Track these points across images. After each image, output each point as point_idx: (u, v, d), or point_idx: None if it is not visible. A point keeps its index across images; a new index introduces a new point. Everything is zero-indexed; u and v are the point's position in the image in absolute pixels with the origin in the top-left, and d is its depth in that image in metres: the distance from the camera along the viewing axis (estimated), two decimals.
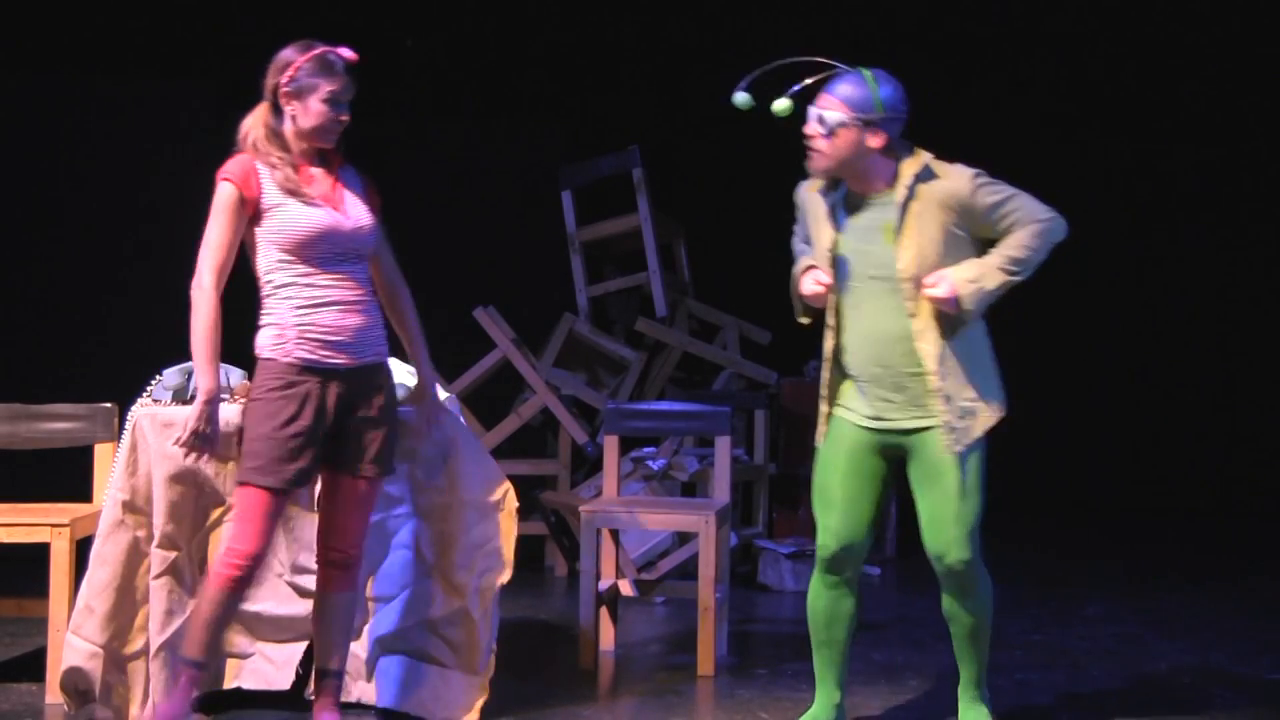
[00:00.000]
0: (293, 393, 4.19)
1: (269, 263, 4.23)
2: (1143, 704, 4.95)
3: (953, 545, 4.29)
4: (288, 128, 4.26)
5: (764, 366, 7.77)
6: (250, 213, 4.21)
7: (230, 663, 4.75)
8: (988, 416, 4.29)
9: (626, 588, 5.92)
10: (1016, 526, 8.59)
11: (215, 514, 4.69)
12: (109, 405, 5.23)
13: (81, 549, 4.80)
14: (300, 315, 4.20)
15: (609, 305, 8.28)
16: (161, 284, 8.25)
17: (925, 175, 4.25)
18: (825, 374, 4.42)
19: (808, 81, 4.27)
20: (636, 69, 8.96)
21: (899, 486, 4.63)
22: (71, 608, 4.66)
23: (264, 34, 8.54)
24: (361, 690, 4.73)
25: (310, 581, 4.52)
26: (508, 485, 4.79)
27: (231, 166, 4.23)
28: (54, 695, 4.72)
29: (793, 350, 7.68)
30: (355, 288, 4.27)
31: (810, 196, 4.42)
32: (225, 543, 4.28)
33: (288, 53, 4.26)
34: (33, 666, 5.15)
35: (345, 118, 4.28)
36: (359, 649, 4.71)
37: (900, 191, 4.24)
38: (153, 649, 4.56)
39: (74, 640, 4.56)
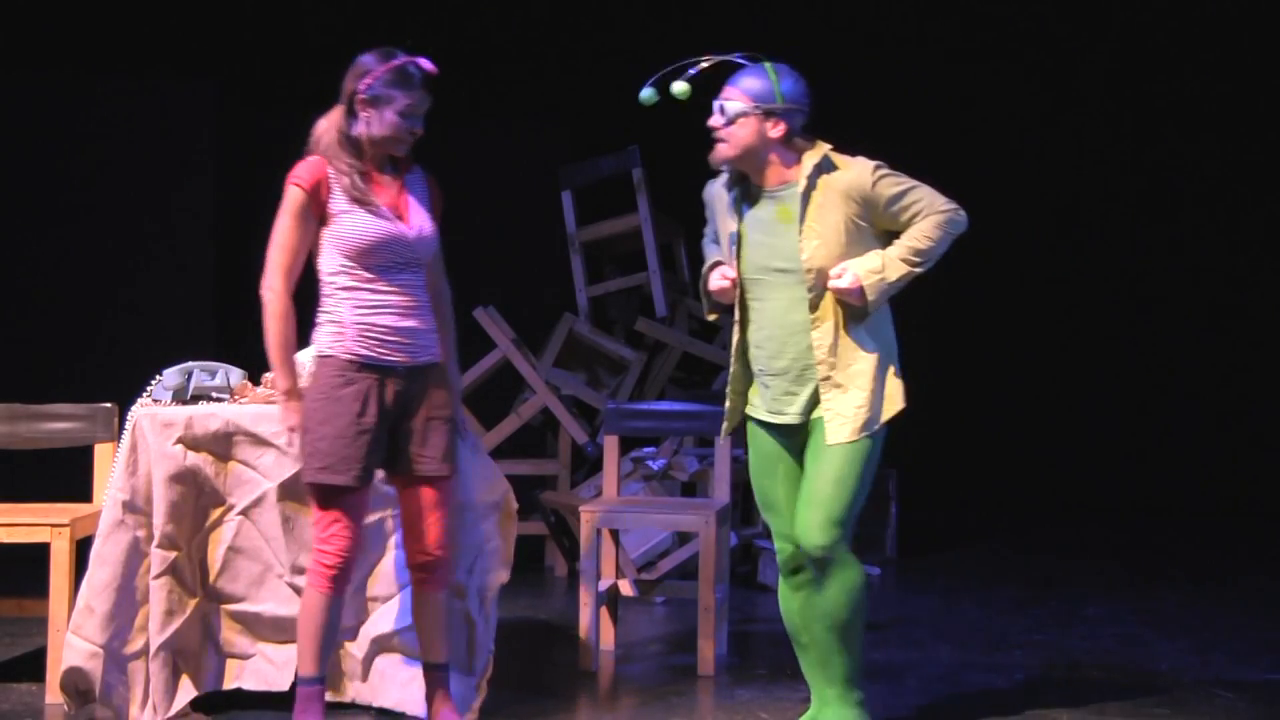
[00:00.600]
0: (354, 390, 4.21)
1: (333, 265, 4.26)
2: (1143, 704, 4.94)
3: (810, 529, 4.25)
4: (361, 132, 4.27)
5: None
6: (318, 216, 4.24)
7: (230, 663, 4.75)
8: (884, 409, 4.28)
9: (626, 588, 5.92)
10: (1017, 526, 8.60)
11: (215, 514, 4.69)
12: (109, 405, 5.23)
13: (81, 549, 4.80)
14: (360, 315, 4.23)
15: (609, 305, 8.27)
16: (162, 284, 8.31)
17: (826, 166, 4.26)
18: (732, 367, 4.45)
19: (703, 65, 4.33)
20: (636, 69, 8.94)
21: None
22: (71, 608, 4.66)
23: (266, 35, 8.55)
24: (358, 690, 4.73)
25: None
26: (507, 486, 4.79)
27: (302, 171, 4.25)
28: (54, 695, 4.71)
29: None
30: (414, 294, 4.30)
31: (717, 192, 4.45)
32: (312, 551, 4.29)
33: (367, 59, 4.26)
34: (33, 666, 5.15)
35: (419, 130, 4.30)
36: (355, 649, 4.71)
37: (801, 182, 4.25)
38: (153, 649, 4.56)
39: (74, 640, 4.55)
